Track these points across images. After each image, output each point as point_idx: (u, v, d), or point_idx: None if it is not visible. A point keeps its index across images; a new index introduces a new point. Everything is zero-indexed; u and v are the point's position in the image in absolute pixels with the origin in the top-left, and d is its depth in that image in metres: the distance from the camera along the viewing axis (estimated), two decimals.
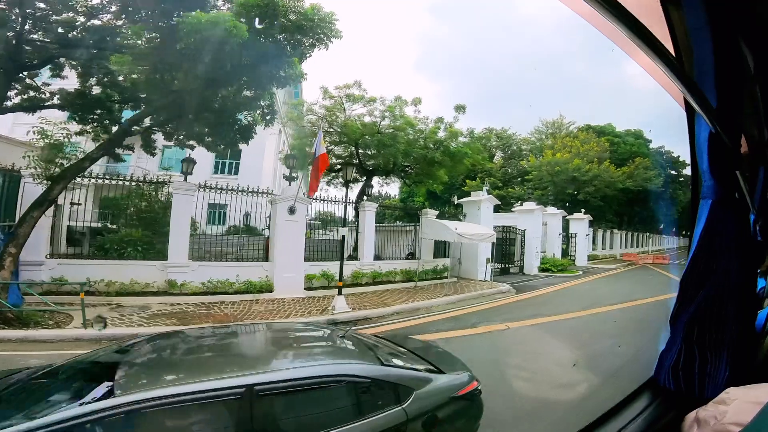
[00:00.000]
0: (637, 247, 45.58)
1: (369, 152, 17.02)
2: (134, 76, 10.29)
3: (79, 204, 11.08)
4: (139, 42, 9.17)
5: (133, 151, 13.80)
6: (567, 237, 26.46)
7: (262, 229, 14.83)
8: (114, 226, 12.41)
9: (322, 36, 9.38)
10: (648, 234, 48.66)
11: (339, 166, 18.57)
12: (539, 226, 21.91)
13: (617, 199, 33.22)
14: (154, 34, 9.06)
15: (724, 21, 1.09)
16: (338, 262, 10.59)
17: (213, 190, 11.72)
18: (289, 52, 9.38)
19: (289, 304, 10.26)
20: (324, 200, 14.16)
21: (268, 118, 11.90)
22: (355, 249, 14.43)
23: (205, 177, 13.44)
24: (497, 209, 19.92)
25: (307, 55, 9.78)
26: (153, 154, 13.30)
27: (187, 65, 8.67)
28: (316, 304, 10.31)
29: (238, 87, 10.43)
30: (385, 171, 18.28)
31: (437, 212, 17.34)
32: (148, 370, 2.77)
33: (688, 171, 45.28)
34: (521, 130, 42.91)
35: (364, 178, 18.70)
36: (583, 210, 28.04)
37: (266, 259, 11.80)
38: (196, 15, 7.91)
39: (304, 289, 11.65)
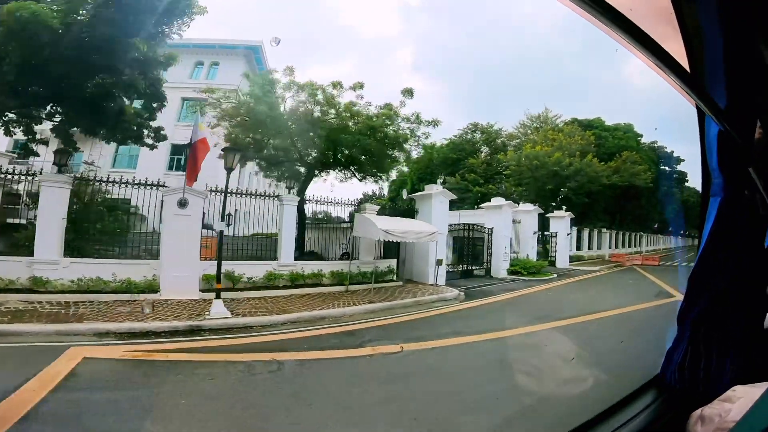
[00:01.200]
0: (630, 246, 43.30)
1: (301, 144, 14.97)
2: None
3: None
4: None
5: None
6: (543, 236, 24.36)
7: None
8: None
9: None
10: (641, 234, 46.32)
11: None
12: (509, 223, 19.82)
13: (605, 195, 31.07)
14: None
15: (740, 15, 1.04)
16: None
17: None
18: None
19: (165, 306, 8.89)
20: (233, 193, 12.12)
21: (155, 105, 10.40)
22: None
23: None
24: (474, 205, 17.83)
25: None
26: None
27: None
28: (198, 308, 8.80)
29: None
30: (324, 164, 16.20)
31: (378, 207, 15.36)
32: None
33: (683, 167, 43.00)
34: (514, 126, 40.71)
35: (304, 170, 16.68)
36: (564, 207, 25.90)
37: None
38: None
39: (201, 290, 10.25)
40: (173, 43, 29.78)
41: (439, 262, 15.26)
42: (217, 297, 8.54)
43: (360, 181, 19.21)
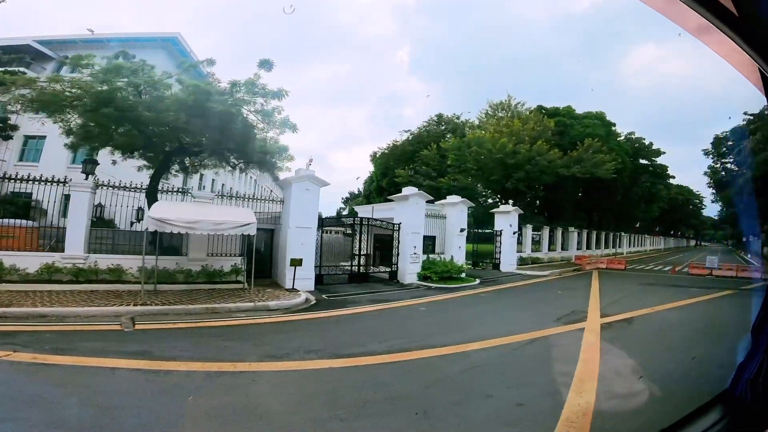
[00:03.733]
0: (609, 248, 39.56)
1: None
2: None
3: None
4: None
5: None
6: (471, 234, 20.95)
7: None
8: None
9: None
10: (622, 233, 42.51)
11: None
12: (419, 218, 16.43)
13: (568, 189, 27.56)
14: None
15: None
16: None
17: None
18: None
19: None
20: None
21: None
22: None
23: None
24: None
25: None
26: None
27: None
28: None
29: None
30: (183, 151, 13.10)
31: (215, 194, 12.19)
32: None
33: (662, 160, 39.20)
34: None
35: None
36: (511, 201, 22.44)
37: None
38: None
39: None
40: (89, 38, 27.29)
41: (294, 263, 11.95)
42: None
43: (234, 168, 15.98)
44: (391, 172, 36.67)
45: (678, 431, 1.43)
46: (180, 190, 13.13)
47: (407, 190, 16.71)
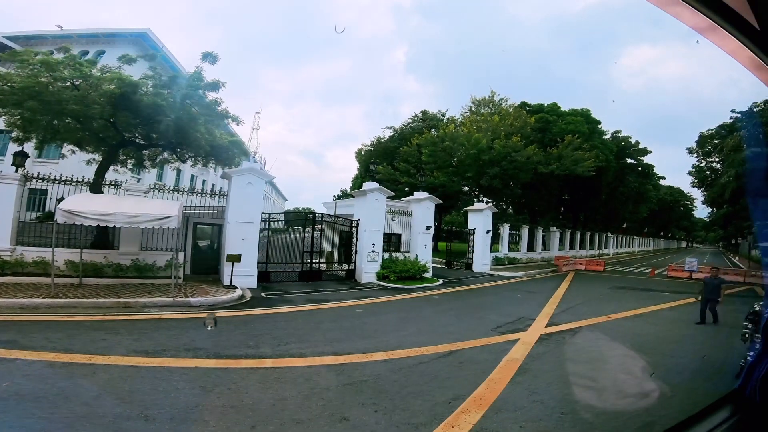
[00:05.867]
0: (595, 248, 38.88)
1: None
2: None
3: None
4: None
5: None
6: (440, 232, 20.17)
7: None
8: None
9: None
10: (607, 234, 41.82)
11: None
12: (380, 214, 15.65)
13: (548, 187, 26.79)
14: None
15: None
16: None
17: None
18: None
19: None
20: None
21: None
22: None
23: None
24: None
25: None
26: None
27: None
28: None
29: None
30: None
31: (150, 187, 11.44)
32: None
33: (648, 159, 38.42)
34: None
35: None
36: (485, 199, 21.66)
37: None
38: None
39: None
40: (61, 33, 26.35)
41: (231, 259, 11.19)
42: None
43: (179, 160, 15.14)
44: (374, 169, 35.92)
45: (687, 429, 1.44)
46: (114, 183, 12.29)
47: (367, 185, 15.95)
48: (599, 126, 31.40)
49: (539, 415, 4.30)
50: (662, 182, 46.19)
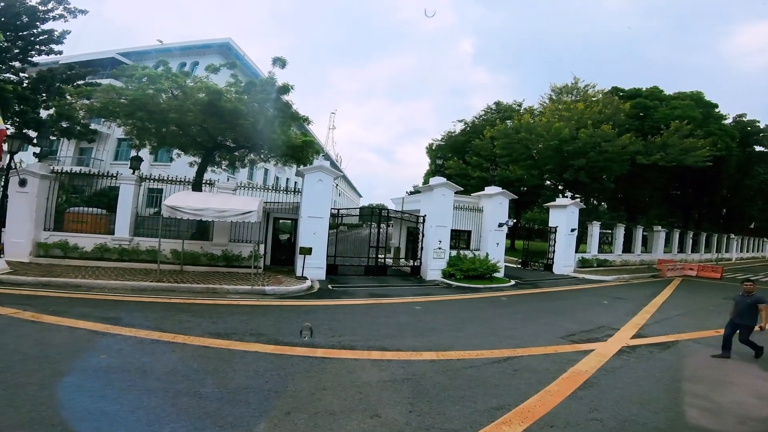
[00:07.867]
0: (713, 252, 32.87)
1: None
2: None
3: None
4: None
5: None
6: (517, 230, 18.80)
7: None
8: None
9: None
10: (730, 235, 34.94)
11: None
12: (447, 210, 15.23)
13: (649, 180, 23.42)
14: None
15: None
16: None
17: None
18: None
19: None
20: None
21: None
22: None
23: None
24: None
25: None
26: None
27: None
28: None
29: None
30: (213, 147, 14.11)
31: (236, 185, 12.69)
32: None
33: None
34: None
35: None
36: (569, 194, 19.80)
37: None
38: None
39: (36, 256, 11.61)
40: (161, 47, 30.49)
41: (303, 251, 11.95)
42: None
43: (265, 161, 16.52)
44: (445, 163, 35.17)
45: None
46: (209, 182, 13.87)
47: (433, 181, 15.64)
48: (716, 110, 26.38)
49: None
50: None
